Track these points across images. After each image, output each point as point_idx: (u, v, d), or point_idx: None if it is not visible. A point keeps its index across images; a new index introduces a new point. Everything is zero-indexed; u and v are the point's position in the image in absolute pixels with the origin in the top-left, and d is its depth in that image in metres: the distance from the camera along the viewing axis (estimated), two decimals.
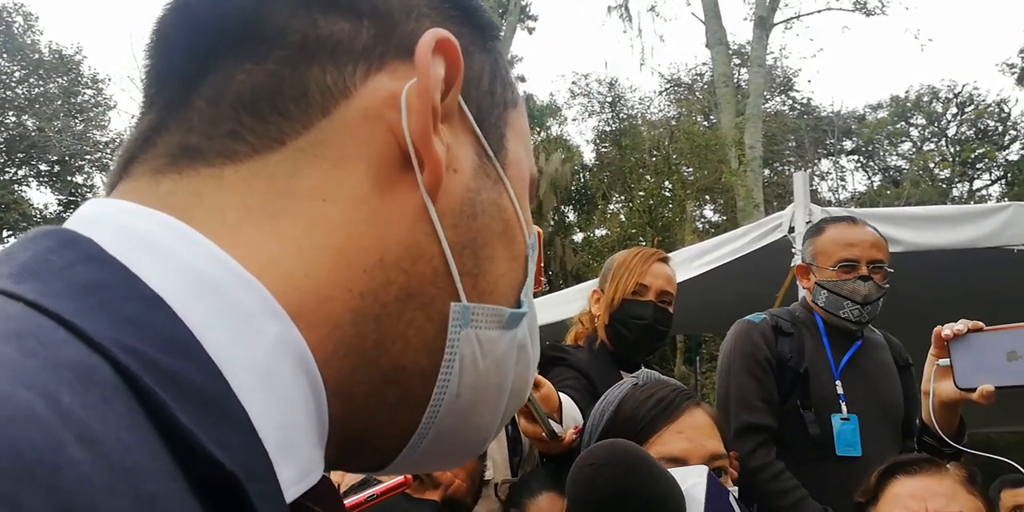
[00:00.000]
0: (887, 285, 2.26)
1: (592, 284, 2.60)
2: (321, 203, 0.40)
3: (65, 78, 18.61)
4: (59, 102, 18.13)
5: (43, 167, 18.85)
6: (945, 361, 1.68)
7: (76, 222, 0.37)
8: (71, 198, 18.75)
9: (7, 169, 18.55)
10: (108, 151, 19.08)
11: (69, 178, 18.88)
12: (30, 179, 18.95)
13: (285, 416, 0.35)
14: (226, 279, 0.36)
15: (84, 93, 19.08)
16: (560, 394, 1.74)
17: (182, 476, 0.28)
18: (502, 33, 0.51)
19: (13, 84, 18.27)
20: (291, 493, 0.35)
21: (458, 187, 0.44)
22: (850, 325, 2.25)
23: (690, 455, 1.23)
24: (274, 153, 0.40)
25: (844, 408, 2.19)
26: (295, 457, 0.36)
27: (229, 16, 0.43)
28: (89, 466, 0.24)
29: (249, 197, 0.39)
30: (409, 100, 0.42)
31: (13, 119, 18.09)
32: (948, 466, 1.55)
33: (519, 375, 0.49)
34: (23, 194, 18.15)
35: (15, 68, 18.26)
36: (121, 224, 0.37)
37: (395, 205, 0.41)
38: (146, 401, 0.29)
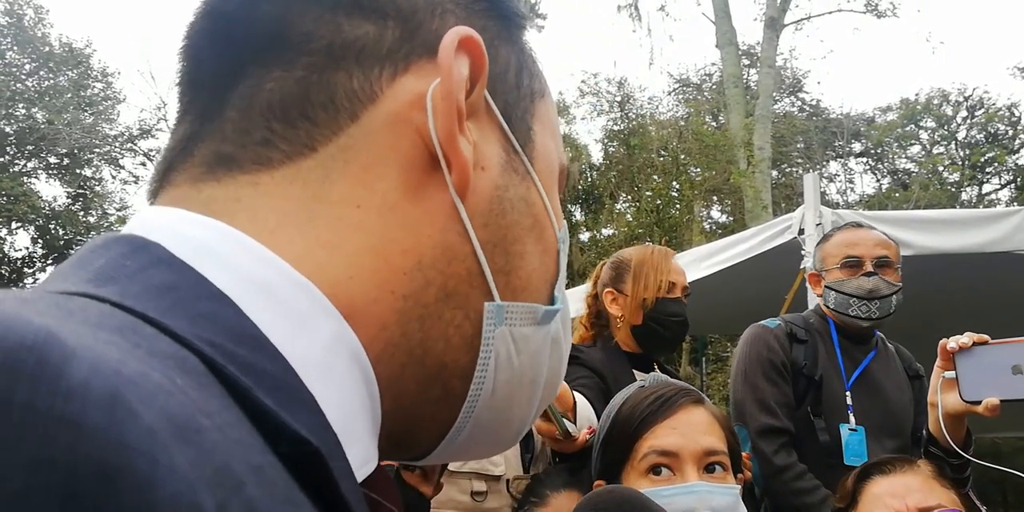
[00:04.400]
0: (900, 284, 2.27)
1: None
2: (355, 209, 0.41)
3: (75, 71, 18.65)
4: (69, 95, 18.17)
5: (52, 160, 18.89)
6: (951, 373, 1.68)
7: (139, 228, 0.39)
8: (80, 191, 18.81)
9: (16, 161, 18.61)
10: (117, 145, 19.14)
11: (78, 171, 18.91)
12: (39, 171, 19.00)
13: (343, 405, 0.37)
14: (279, 280, 0.37)
15: (94, 86, 19.12)
16: (574, 393, 1.75)
17: (271, 452, 0.30)
18: (528, 22, 0.52)
19: (23, 77, 18.33)
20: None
21: (486, 185, 0.44)
22: (861, 323, 2.27)
23: (681, 449, 1.23)
24: (306, 159, 0.41)
25: (852, 419, 2.22)
26: (354, 444, 0.37)
27: (256, 24, 0.43)
28: (218, 433, 0.27)
29: (286, 203, 0.40)
30: (434, 101, 0.42)
31: (23, 112, 18.13)
32: (919, 462, 1.59)
33: (552, 369, 0.50)
34: (32, 186, 18.19)
35: (25, 61, 18.32)
36: (179, 230, 0.38)
37: (426, 207, 0.42)
38: (231, 387, 0.31)
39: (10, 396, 0.22)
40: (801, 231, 3.72)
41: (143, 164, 19.66)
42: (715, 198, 16.59)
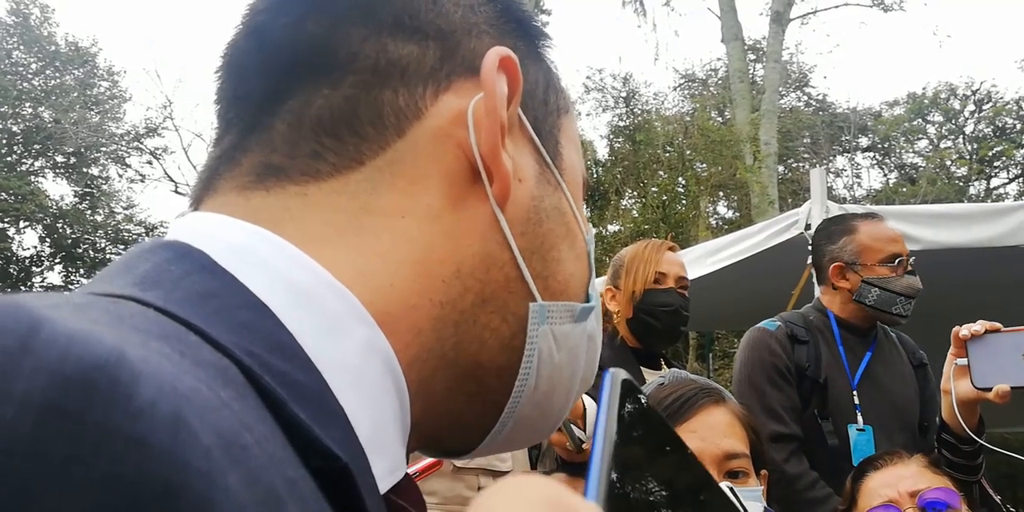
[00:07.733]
0: None
1: (603, 280, 2.58)
2: (400, 219, 0.43)
3: (81, 70, 18.70)
4: (75, 94, 18.21)
5: (59, 159, 18.93)
6: (963, 360, 1.69)
7: (183, 234, 0.40)
8: (87, 190, 18.85)
9: (24, 160, 18.66)
10: (123, 143, 19.17)
11: (85, 170, 18.96)
12: (46, 170, 19.04)
13: (374, 414, 0.38)
14: (318, 288, 0.38)
15: (100, 85, 19.16)
16: (584, 398, 1.73)
17: (303, 466, 0.31)
18: (551, 41, 0.55)
19: (30, 76, 18.37)
20: (381, 486, 0.37)
21: (524, 196, 0.46)
22: (899, 320, 2.25)
23: (701, 454, 1.21)
24: (354, 173, 0.43)
25: (860, 419, 2.19)
26: (384, 453, 0.38)
27: (303, 43, 0.45)
28: (258, 449, 0.28)
29: (334, 213, 0.42)
30: (476, 117, 0.44)
31: (30, 111, 18.18)
32: (915, 455, 1.63)
33: (588, 363, 0.52)
34: (39, 185, 18.25)
35: (32, 60, 18.36)
36: (223, 237, 0.39)
37: (467, 217, 0.44)
38: (267, 399, 0.32)
39: (84, 415, 0.23)
40: (808, 226, 3.71)
41: (149, 163, 19.72)
42: (721, 194, 16.55)
